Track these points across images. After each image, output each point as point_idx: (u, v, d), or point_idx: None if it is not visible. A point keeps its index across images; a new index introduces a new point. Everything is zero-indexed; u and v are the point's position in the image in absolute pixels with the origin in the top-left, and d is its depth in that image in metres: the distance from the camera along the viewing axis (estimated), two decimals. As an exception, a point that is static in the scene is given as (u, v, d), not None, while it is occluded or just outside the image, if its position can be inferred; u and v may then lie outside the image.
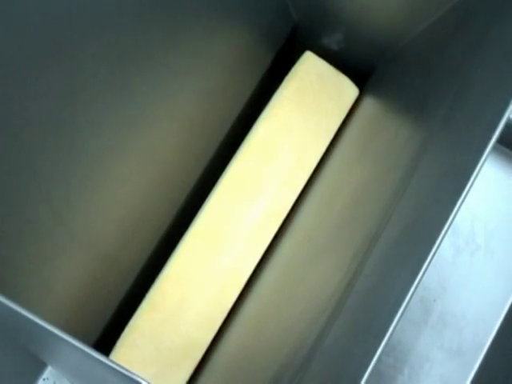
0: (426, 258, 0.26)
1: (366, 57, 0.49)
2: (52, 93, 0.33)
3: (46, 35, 0.32)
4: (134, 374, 0.25)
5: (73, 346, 0.25)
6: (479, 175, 0.28)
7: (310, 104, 0.46)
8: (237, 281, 0.43)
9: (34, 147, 0.34)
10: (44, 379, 0.49)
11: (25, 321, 0.25)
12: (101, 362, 0.25)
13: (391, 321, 0.26)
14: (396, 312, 0.26)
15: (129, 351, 0.41)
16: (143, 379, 0.25)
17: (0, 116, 0.31)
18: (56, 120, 0.34)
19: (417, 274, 0.26)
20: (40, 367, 0.49)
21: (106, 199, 0.40)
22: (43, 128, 0.34)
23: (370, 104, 0.48)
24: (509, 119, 0.28)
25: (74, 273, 0.39)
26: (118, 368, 0.25)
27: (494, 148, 0.28)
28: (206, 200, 0.44)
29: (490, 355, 0.52)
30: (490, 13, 0.35)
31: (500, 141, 0.46)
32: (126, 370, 0.25)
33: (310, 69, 0.47)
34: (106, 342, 0.45)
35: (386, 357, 0.51)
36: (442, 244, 0.27)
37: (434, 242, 0.26)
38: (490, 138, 0.27)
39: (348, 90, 0.47)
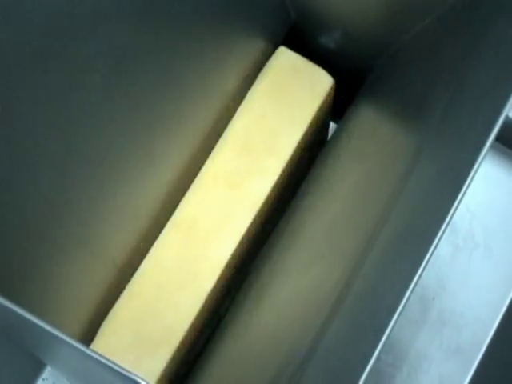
0: (424, 256, 0.26)
1: (363, 56, 0.49)
2: (50, 92, 0.33)
3: (43, 34, 0.32)
4: (133, 375, 0.25)
5: (72, 346, 0.25)
6: (477, 173, 0.28)
7: (284, 96, 0.47)
8: (212, 269, 0.44)
9: (32, 148, 0.33)
10: (43, 379, 0.49)
11: (24, 321, 0.25)
12: (100, 362, 0.25)
13: (390, 320, 0.26)
14: (394, 311, 0.26)
15: (109, 339, 0.42)
16: (142, 379, 0.25)
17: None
18: (55, 121, 0.34)
19: (415, 272, 0.26)
20: (39, 367, 0.49)
21: (107, 200, 0.40)
22: (41, 128, 0.34)
23: (367, 104, 0.48)
24: (507, 117, 0.28)
25: (75, 274, 0.39)
26: (117, 368, 0.25)
27: (492, 146, 0.28)
28: (185, 193, 0.45)
29: (488, 354, 0.52)
30: (487, 12, 0.35)
31: (498, 139, 0.46)
32: (126, 371, 0.25)
33: (284, 62, 0.47)
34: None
35: (384, 355, 0.51)
36: (441, 242, 0.27)
37: (432, 241, 0.26)
38: (487, 136, 0.27)
39: (322, 80, 0.48)
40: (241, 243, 0.45)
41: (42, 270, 0.37)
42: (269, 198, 0.46)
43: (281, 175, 0.46)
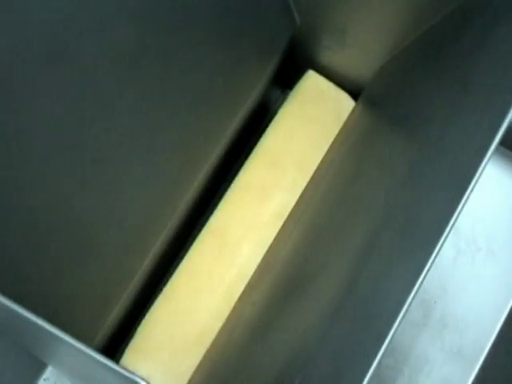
0: (427, 260, 0.26)
1: (366, 59, 0.49)
2: (53, 93, 0.33)
3: (46, 35, 0.32)
4: (132, 374, 0.25)
5: (73, 346, 0.25)
6: (481, 177, 0.28)
7: (311, 117, 0.51)
8: (243, 276, 0.47)
9: (36, 148, 0.33)
10: (45, 379, 0.49)
11: (25, 321, 0.25)
12: (101, 362, 0.25)
13: (392, 323, 0.26)
14: (397, 315, 0.26)
15: (146, 338, 0.45)
16: (142, 379, 0.25)
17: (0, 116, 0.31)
18: (57, 121, 0.34)
19: (418, 276, 0.26)
20: (41, 367, 0.49)
21: (109, 202, 0.40)
22: (42, 129, 0.34)
23: (370, 106, 0.48)
24: (511, 120, 0.28)
25: (76, 273, 0.39)
26: (117, 368, 0.25)
27: (496, 150, 0.28)
28: (220, 202, 0.49)
29: (490, 357, 0.52)
30: (493, 14, 0.35)
31: (502, 142, 0.46)
32: (125, 370, 0.25)
33: (311, 85, 0.52)
34: (108, 342, 0.45)
35: (386, 358, 0.51)
36: (444, 246, 0.27)
37: (435, 245, 0.26)
38: (492, 140, 0.27)
39: (346, 104, 0.52)
40: (267, 251, 0.48)
41: (45, 271, 0.37)
42: (293, 209, 0.49)
43: (305, 189, 0.50)
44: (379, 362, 0.25)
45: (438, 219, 0.28)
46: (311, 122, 0.51)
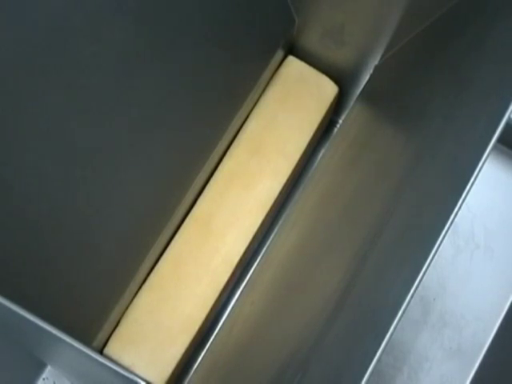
0: (426, 257, 0.26)
1: (364, 57, 0.49)
2: (51, 92, 0.33)
3: (45, 34, 0.32)
4: (132, 374, 0.25)
5: (71, 346, 0.25)
6: (479, 175, 0.28)
7: (293, 102, 0.51)
8: (228, 263, 0.47)
9: (33, 147, 0.33)
10: (44, 379, 0.49)
11: (24, 321, 0.25)
12: (99, 362, 0.25)
13: (391, 321, 0.26)
14: (396, 312, 0.26)
15: (130, 327, 0.45)
16: (142, 379, 0.25)
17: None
18: (55, 120, 0.34)
19: (417, 273, 0.26)
20: (40, 367, 0.49)
21: (109, 201, 0.40)
22: (42, 128, 0.34)
23: (368, 104, 0.48)
24: (509, 118, 0.28)
25: (76, 273, 0.39)
26: (116, 368, 0.25)
27: (494, 147, 0.28)
28: (204, 190, 0.48)
29: (489, 355, 0.52)
30: (491, 13, 0.35)
31: (500, 140, 0.46)
32: (125, 370, 0.25)
33: (292, 70, 0.51)
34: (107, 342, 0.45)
35: (385, 356, 0.51)
36: (442, 243, 0.27)
37: (434, 242, 0.26)
38: (490, 138, 0.27)
39: (327, 88, 0.51)
40: (252, 239, 0.48)
41: (44, 270, 0.37)
42: (278, 197, 0.49)
43: (290, 176, 0.49)
44: (379, 359, 0.25)
45: (437, 217, 0.28)
46: (293, 108, 0.50)
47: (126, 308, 0.45)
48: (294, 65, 0.51)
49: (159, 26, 0.38)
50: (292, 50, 0.52)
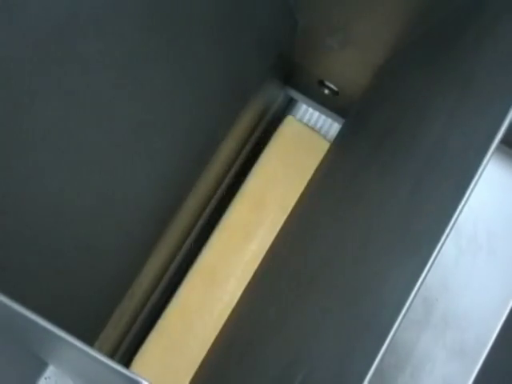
0: (429, 258, 0.26)
1: (366, 58, 0.49)
2: (54, 91, 0.33)
3: (47, 33, 0.32)
4: (134, 374, 0.25)
5: (73, 345, 0.25)
6: (482, 175, 0.27)
7: (291, 161, 0.56)
8: (229, 309, 0.51)
9: (36, 146, 0.33)
10: (46, 378, 0.49)
11: (26, 321, 0.25)
12: (101, 361, 0.25)
13: (394, 321, 0.26)
14: (399, 312, 0.26)
15: (139, 370, 0.49)
16: (144, 379, 0.25)
17: (0, 115, 0.31)
18: (58, 119, 0.34)
19: (420, 274, 0.26)
20: (42, 366, 0.49)
21: (109, 201, 0.40)
22: (45, 127, 0.34)
23: (368, 108, 0.48)
24: (512, 119, 0.28)
25: (77, 273, 0.39)
26: (118, 368, 0.25)
27: (497, 148, 0.28)
28: (206, 243, 0.53)
29: (492, 355, 0.51)
30: (492, 14, 0.35)
31: (502, 141, 0.46)
32: (126, 370, 0.25)
33: (291, 130, 0.57)
34: (108, 342, 0.45)
35: (387, 356, 0.51)
36: (445, 244, 0.27)
37: (437, 243, 0.26)
38: (493, 139, 0.27)
39: (322, 146, 0.56)
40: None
41: (46, 271, 0.37)
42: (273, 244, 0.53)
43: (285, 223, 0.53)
44: (381, 360, 0.25)
45: (440, 217, 0.28)
46: (291, 166, 0.55)
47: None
48: (292, 125, 0.57)
49: (160, 27, 0.38)
50: (295, 52, 0.52)
